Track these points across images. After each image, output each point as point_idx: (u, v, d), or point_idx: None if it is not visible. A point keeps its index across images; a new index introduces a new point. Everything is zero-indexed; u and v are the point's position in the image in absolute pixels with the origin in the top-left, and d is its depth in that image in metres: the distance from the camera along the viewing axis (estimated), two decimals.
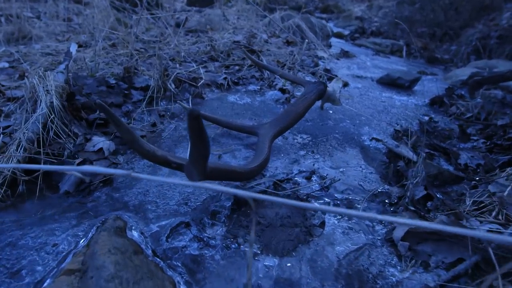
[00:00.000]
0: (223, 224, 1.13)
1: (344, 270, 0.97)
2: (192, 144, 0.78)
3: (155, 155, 0.99)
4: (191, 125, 0.71)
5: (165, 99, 2.07)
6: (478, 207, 1.22)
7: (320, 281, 0.93)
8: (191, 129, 0.72)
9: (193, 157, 0.87)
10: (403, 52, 4.94)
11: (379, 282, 0.93)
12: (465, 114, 2.28)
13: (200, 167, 0.87)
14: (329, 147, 1.72)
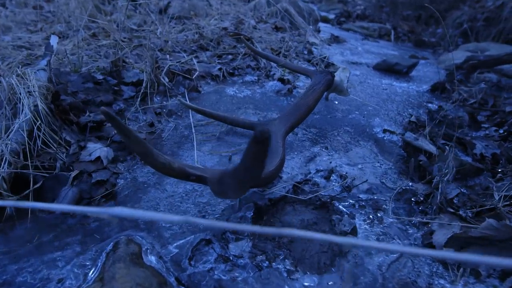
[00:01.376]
0: (248, 237, 1.02)
1: (390, 285, 0.88)
2: (246, 165, 0.63)
3: (171, 168, 0.86)
4: (255, 148, 0.56)
5: (159, 95, 1.90)
6: (510, 202, 1.16)
7: None
8: (254, 152, 0.58)
9: (239, 177, 0.73)
10: (391, 36, 4.89)
11: None
12: (468, 100, 2.24)
13: (242, 188, 0.74)
14: (342, 141, 1.62)
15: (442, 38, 4.75)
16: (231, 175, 0.67)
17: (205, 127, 1.66)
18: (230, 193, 0.75)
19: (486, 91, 2.20)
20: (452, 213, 1.07)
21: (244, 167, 0.57)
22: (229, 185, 0.72)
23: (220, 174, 0.76)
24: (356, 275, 0.91)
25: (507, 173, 1.33)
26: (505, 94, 2.46)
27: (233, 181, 0.68)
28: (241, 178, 0.66)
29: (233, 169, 0.63)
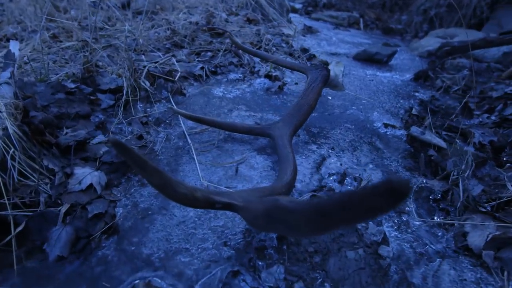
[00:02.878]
0: (278, 261, 0.91)
1: None
2: (336, 210, 0.51)
3: (195, 198, 0.73)
4: (378, 200, 0.44)
5: (142, 101, 1.71)
6: None
7: None
8: (371, 205, 0.45)
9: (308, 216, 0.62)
10: (360, 25, 4.93)
11: None
12: (452, 87, 2.28)
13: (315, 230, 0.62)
14: (347, 140, 1.56)
15: (408, 25, 4.87)
16: (296, 210, 0.55)
17: (200, 135, 1.51)
18: (283, 229, 0.62)
19: (469, 77, 2.24)
20: (484, 212, 1.04)
21: (331, 210, 0.46)
22: (285, 222, 0.60)
23: (260, 202, 0.65)
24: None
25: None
26: (480, 78, 2.54)
27: (299, 218, 0.56)
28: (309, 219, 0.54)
29: (301, 206, 0.51)
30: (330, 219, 0.44)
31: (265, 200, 0.64)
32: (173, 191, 0.70)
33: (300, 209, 0.49)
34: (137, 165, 0.65)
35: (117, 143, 0.61)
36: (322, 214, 0.44)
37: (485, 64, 2.98)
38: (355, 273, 0.90)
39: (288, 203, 0.55)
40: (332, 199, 0.43)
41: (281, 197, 0.59)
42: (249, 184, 1.21)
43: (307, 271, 0.90)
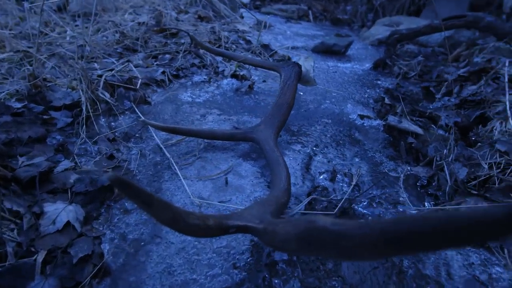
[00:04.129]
0: (292, 275, 0.87)
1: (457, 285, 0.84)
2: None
3: (208, 227, 0.65)
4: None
5: (103, 115, 1.54)
6: (501, 170, 1.24)
7: None
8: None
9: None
10: (309, 17, 5.02)
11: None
12: (409, 73, 2.40)
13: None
14: (328, 136, 1.55)
15: (354, 15, 5.07)
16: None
17: (177, 147, 1.40)
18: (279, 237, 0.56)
19: (423, 62, 2.38)
20: (475, 194, 1.08)
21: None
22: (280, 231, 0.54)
23: (289, 225, 0.58)
24: (420, 285, 0.85)
25: (483, 140, 1.44)
26: (429, 62, 2.72)
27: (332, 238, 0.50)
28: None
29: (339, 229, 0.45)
30: (400, 246, 0.39)
31: (295, 222, 0.58)
32: (184, 224, 0.61)
33: (358, 234, 0.44)
34: (143, 202, 0.55)
35: (119, 180, 0.50)
36: (390, 241, 0.40)
37: (430, 49, 3.20)
38: (371, 273, 0.89)
39: (331, 226, 0.49)
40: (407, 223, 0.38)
41: (316, 217, 0.54)
42: (242, 194, 1.14)
43: (323, 280, 0.87)
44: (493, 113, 1.58)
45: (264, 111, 1.74)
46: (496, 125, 1.50)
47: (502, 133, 1.44)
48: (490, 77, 1.88)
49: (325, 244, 0.51)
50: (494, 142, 1.37)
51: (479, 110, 1.69)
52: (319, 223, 0.52)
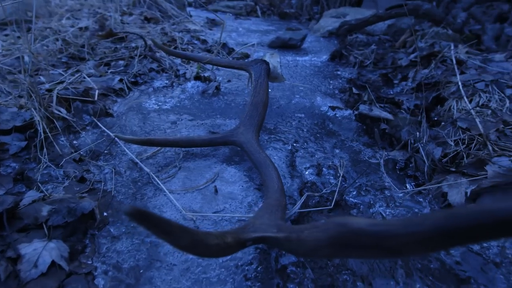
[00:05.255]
0: (304, 277, 0.85)
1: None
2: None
3: (228, 245, 0.61)
4: None
5: (63, 134, 1.38)
6: (467, 145, 1.35)
7: None
8: None
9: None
10: (258, 12, 5.03)
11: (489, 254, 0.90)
12: (364, 62, 2.51)
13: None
14: (304, 130, 1.56)
15: (300, 8, 5.19)
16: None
17: (154, 159, 1.31)
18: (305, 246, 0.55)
19: (376, 50, 2.51)
20: (454, 171, 1.16)
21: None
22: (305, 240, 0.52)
23: (318, 230, 0.56)
24: (424, 265, 0.89)
25: (445, 120, 1.55)
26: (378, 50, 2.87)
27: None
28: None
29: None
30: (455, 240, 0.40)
31: (323, 227, 0.56)
32: (204, 246, 0.57)
33: (404, 233, 0.43)
34: (162, 231, 0.49)
35: (139, 213, 0.44)
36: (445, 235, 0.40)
37: (377, 37, 3.38)
38: (377, 262, 0.91)
39: (369, 227, 0.48)
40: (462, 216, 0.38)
41: (346, 219, 0.52)
42: (235, 201, 1.10)
43: (334, 275, 0.87)
44: (448, 94, 1.72)
45: (236, 112, 1.70)
46: (453, 104, 1.63)
47: (460, 111, 1.57)
48: (438, 61, 2.04)
49: (364, 246, 0.50)
50: (456, 120, 1.48)
51: (435, 92, 1.82)
52: (353, 225, 0.51)
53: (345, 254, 0.56)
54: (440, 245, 0.42)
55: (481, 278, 0.84)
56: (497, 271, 0.85)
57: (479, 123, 1.37)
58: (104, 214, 1.00)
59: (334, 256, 0.61)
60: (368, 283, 0.85)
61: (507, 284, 0.82)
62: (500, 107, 1.56)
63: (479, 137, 1.31)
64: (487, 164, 1.11)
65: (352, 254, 0.55)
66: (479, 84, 1.71)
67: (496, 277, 0.84)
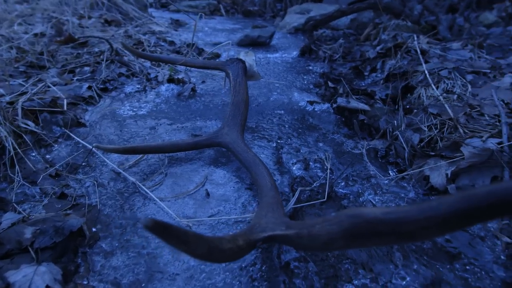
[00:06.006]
0: (307, 271, 0.86)
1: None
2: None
3: (240, 248, 0.61)
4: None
5: (33, 149, 1.29)
6: (440, 129, 1.43)
7: None
8: None
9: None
10: (221, 11, 4.99)
11: (474, 230, 0.97)
12: (333, 56, 2.58)
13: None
14: (286, 126, 1.57)
15: (263, 6, 5.22)
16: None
17: (137, 168, 1.25)
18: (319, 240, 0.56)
19: (343, 44, 2.58)
20: (433, 155, 1.23)
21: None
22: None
23: (330, 223, 0.57)
24: (419, 246, 0.93)
25: (417, 107, 1.63)
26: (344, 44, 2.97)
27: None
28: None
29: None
30: (472, 219, 0.42)
31: (335, 220, 0.56)
32: (220, 252, 0.55)
33: (421, 217, 0.45)
34: (180, 241, 0.48)
35: (158, 225, 0.43)
36: (463, 215, 0.42)
37: (341, 32, 3.49)
38: (374, 249, 0.94)
39: (385, 215, 0.50)
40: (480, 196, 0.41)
41: (358, 210, 0.54)
42: (228, 203, 1.09)
43: (336, 266, 0.89)
44: (416, 82, 1.81)
45: (216, 113, 1.68)
46: (422, 92, 1.72)
47: (429, 98, 1.66)
48: (403, 51, 2.14)
49: (380, 234, 0.51)
50: (427, 107, 1.57)
51: (404, 81, 1.92)
52: (369, 215, 0.52)
53: (359, 244, 0.57)
54: (456, 226, 0.45)
55: (470, 252, 0.90)
56: (483, 244, 0.92)
57: (448, 108, 1.45)
58: (93, 230, 0.95)
59: (347, 247, 0.63)
60: (369, 269, 0.88)
61: (493, 255, 0.89)
62: (464, 92, 1.67)
63: (450, 121, 1.40)
64: (462, 146, 1.18)
65: (366, 243, 0.56)
66: (442, 71, 1.82)
67: (483, 250, 0.90)
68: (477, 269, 0.85)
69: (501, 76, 1.77)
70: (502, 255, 0.88)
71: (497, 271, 0.84)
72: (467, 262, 0.87)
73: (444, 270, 0.85)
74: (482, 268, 0.85)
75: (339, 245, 0.57)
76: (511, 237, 0.91)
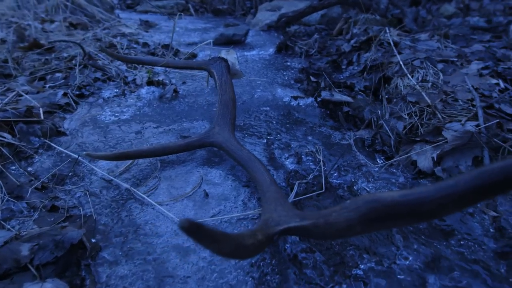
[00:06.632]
0: (315, 260, 0.89)
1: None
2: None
3: (260, 242, 0.62)
4: None
5: (12, 163, 1.21)
6: (419, 116, 1.51)
7: None
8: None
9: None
10: (191, 10, 4.92)
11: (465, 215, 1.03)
12: (309, 51, 2.63)
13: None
14: (274, 122, 1.59)
15: (232, 4, 5.20)
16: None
17: (129, 174, 1.22)
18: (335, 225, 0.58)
19: (319, 40, 2.64)
20: (422, 140, 1.29)
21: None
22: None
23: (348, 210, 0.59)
24: (416, 226, 0.98)
25: (395, 96, 1.71)
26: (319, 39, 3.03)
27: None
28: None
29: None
30: (487, 194, 0.45)
31: (351, 207, 0.58)
32: (244, 248, 0.56)
33: (439, 196, 0.48)
34: (211, 240, 0.47)
35: (194, 226, 0.42)
36: (481, 191, 0.45)
37: (313, 27, 3.56)
38: (375, 234, 0.98)
39: (402, 198, 0.52)
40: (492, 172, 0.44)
41: (374, 195, 0.56)
42: (228, 202, 1.08)
43: (342, 253, 0.91)
44: (392, 73, 1.89)
45: (202, 113, 1.66)
46: (399, 82, 1.81)
47: (406, 87, 1.74)
48: (376, 44, 2.22)
49: (399, 215, 0.54)
50: (405, 96, 1.65)
51: (380, 73, 1.99)
52: (387, 199, 0.55)
53: (376, 228, 0.59)
54: (472, 201, 0.48)
55: (462, 228, 0.96)
56: (473, 220, 0.98)
57: (425, 96, 1.53)
58: (93, 241, 0.91)
59: (365, 231, 0.65)
60: (372, 253, 0.91)
61: (483, 229, 0.95)
62: (437, 80, 1.77)
63: (428, 108, 1.48)
64: (443, 130, 1.25)
65: (384, 226, 0.59)
66: (415, 61, 1.92)
67: (473, 225, 0.97)
68: (470, 243, 0.91)
69: (468, 64, 1.88)
70: (491, 228, 0.95)
71: (488, 243, 0.91)
72: (460, 237, 0.93)
73: (442, 247, 0.91)
74: (475, 242, 0.92)
75: (357, 231, 0.59)
76: (496, 211, 0.99)
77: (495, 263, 0.85)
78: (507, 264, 0.84)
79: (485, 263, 0.85)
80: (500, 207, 1.00)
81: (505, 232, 0.93)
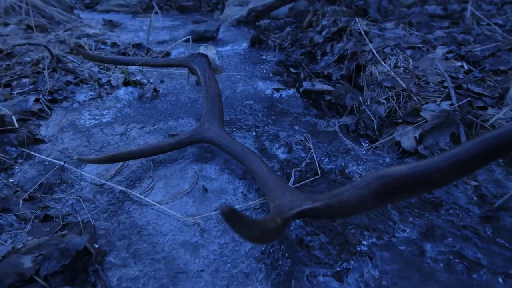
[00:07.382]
0: (320, 242, 0.92)
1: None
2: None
3: (280, 226, 0.64)
4: None
5: None
6: (397, 100, 1.59)
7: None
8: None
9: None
10: (155, 8, 4.77)
11: None
12: (283, 44, 2.67)
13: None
14: (259, 115, 1.61)
15: (198, 0, 5.12)
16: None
17: (120, 176, 1.19)
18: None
19: (291, 32, 2.68)
20: (405, 122, 1.36)
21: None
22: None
23: (360, 187, 0.63)
24: (408, 201, 1.05)
25: (372, 83, 1.79)
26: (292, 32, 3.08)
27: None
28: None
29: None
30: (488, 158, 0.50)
31: (362, 184, 0.62)
32: (268, 232, 0.58)
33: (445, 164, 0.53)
34: (244, 226, 0.49)
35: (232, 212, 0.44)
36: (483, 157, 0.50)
37: (282, 21, 3.61)
38: (372, 212, 1.03)
39: (411, 170, 0.57)
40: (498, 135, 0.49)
41: (382, 171, 0.60)
42: (228, 195, 1.09)
43: (344, 232, 0.96)
44: (366, 61, 1.98)
45: (186, 111, 1.65)
46: (373, 69, 1.89)
47: (380, 73, 1.83)
48: (348, 34, 2.31)
49: (410, 187, 0.58)
50: (381, 82, 1.73)
51: (354, 62, 2.07)
52: (396, 173, 0.59)
53: (388, 201, 0.64)
54: (475, 167, 0.53)
55: (449, 198, 1.04)
56: (457, 191, 1.07)
57: (400, 81, 1.62)
58: (96, 246, 0.88)
59: (377, 206, 0.68)
60: (372, 229, 0.97)
61: (467, 198, 1.04)
62: (407, 65, 1.87)
63: (403, 92, 1.57)
64: (421, 111, 1.34)
65: (394, 199, 0.63)
66: (386, 49, 2.01)
67: (458, 195, 1.05)
68: (458, 211, 1.00)
69: (433, 49, 2.01)
70: (474, 196, 1.04)
71: (473, 209, 1.00)
72: (449, 207, 1.01)
73: (433, 217, 0.98)
74: (461, 210, 1.00)
75: (369, 206, 0.63)
76: (476, 180, 1.08)
77: (482, 227, 0.93)
78: (492, 226, 0.93)
79: (473, 228, 0.93)
80: (479, 177, 1.09)
81: (486, 199, 1.02)
